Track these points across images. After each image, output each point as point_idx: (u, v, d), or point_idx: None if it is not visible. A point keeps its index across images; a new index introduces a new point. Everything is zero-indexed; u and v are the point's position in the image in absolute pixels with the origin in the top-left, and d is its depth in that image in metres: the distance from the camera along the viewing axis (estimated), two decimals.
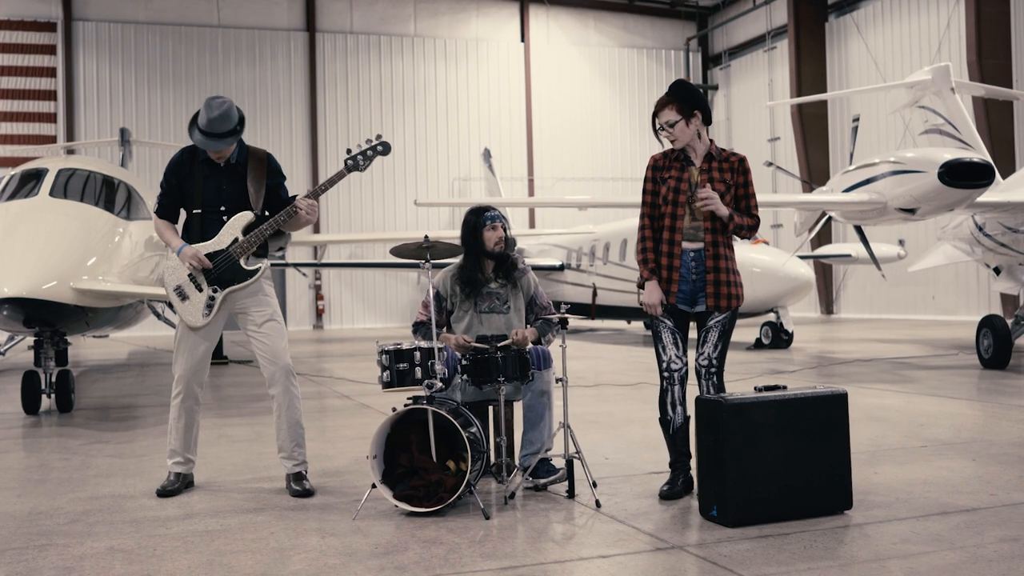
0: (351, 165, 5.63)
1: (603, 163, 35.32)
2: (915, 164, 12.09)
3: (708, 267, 5.20)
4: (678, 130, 5.23)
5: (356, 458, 6.72)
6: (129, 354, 19.95)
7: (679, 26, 37.06)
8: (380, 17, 33.51)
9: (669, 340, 5.27)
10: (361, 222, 32.07)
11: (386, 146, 5.64)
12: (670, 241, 5.22)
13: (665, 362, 5.30)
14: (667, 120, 5.26)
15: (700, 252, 5.22)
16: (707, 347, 5.25)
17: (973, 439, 7.03)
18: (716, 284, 5.20)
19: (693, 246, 5.22)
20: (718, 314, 5.24)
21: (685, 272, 5.22)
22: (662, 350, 5.30)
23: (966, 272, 25.20)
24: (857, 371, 12.59)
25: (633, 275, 20.37)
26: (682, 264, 5.22)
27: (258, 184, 5.67)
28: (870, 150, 22.48)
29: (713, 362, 5.25)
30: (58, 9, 30.22)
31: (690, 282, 5.23)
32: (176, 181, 5.73)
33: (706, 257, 5.21)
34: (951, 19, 26.37)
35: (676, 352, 5.27)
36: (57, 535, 4.76)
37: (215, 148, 5.57)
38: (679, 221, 5.21)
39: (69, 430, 8.68)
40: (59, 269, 8.91)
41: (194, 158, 5.73)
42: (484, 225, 5.84)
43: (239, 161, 5.73)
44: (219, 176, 5.68)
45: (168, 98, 30.90)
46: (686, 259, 5.22)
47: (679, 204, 5.22)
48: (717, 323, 5.24)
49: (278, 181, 5.81)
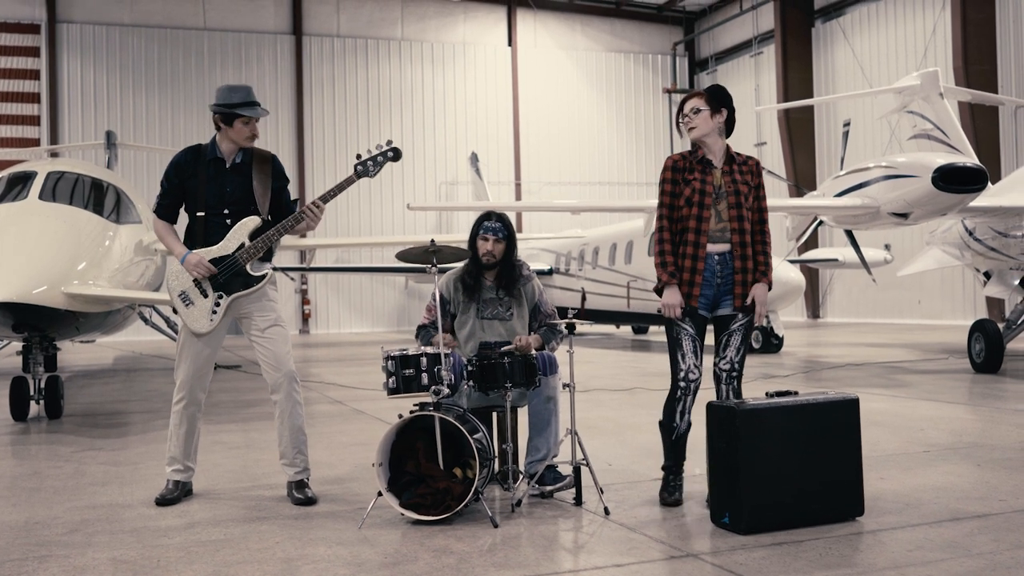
0: (360, 171, 5.54)
1: (590, 167, 35.29)
2: (908, 169, 12.10)
3: (736, 267, 5.15)
4: (701, 118, 5.21)
5: (357, 465, 6.64)
6: (115, 359, 19.78)
7: (666, 31, 37.10)
8: (367, 20, 33.41)
9: (689, 348, 5.18)
10: (348, 226, 31.93)
11: (397, 152, 5.55)
12: (695, 244, 5.14)
13: (683, 371, 5.19)
14: (694, 107, 5.23)
15: (726, 255, 5.17)
16: (730, 351, 5.20)
17: (975, 444, 7.01)
18: (744, 284, 5.16)
19: (719, 248, 5.17)
20: (742, 316, 5.19)
21: (709, 276, 5.16)
22: (681, 358, 5.19)
23: (952, 276, 25.29)
24: (850, 375, 12.59)
25: (622, 279, 20.35)
26: (706, 267, 5.16)
27: (264, 186, 5.58)
28: (858, 155, 22.52)
29: (735, 367, 5.21)
30: (42, 11, 29.97)
31: (714, 286, 5.18)
32: (179, 180, 5.63)
33: (734, 258, 5.16)
34: (937, 25, 26.48)
35: (695, 361, 5.18)
36: (56, 546, 4.66)
37: (255, 114, 5.52)
38: (705, 224, 5.14)
39: (59, 437, 8.56)
40: (49, 273, 8.78)
41: (198, 157, 5.62)
42: (478, 234, 5.81)
43: (244, 161, 5.64)
44: (223, 177, 5.59)
45: (154, 101, 30.70)
46: (711, 262, 5.16)
47: (705, 206, 5.15)
48: (740, 326, 5.20)
49: (283, 184, 5.72)
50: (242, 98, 5.52)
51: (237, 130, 5.54)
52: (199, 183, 5.56)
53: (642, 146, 35.93)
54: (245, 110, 5.51)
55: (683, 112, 5.31)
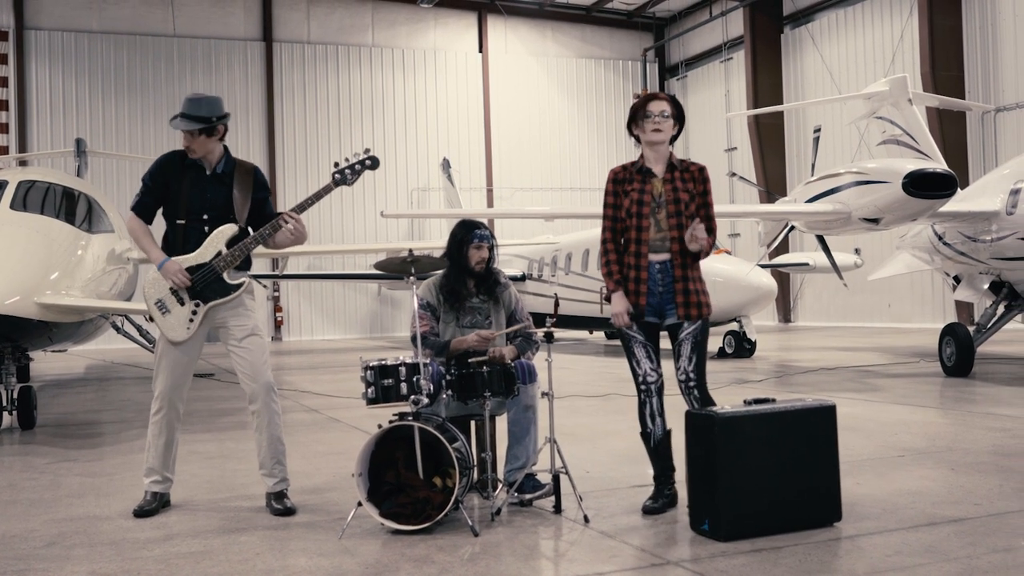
0: (339, 179, 5.54)
1: (562, 173, 35.41)
2: (879, 175, 12.22)
3: (676, 276, 5.18)
4: (668, 124, 5.22)
5: (335, 474, 6.62)
6: (86, 368, 19.62)
7: (636, 37, 37.30)
8: (338, 27, 33.37)
9: (642, 354, 5.26)
10: (320, 233, 31.86)
11: (375, 161, 5.56)
12: (636, 253, 5.20)
13: (640, 375, 5.28)
14: (663, 111, 5.22)
15: (666, 263, 5.20)
16: (683, 361, 5.22)
17: (948, 448, 7.08)
18: (685, 294, 5.19)
19: (659, 258, 5.20)
20: (688, 325, 5.21)
21: (652, 284, 5.20)
22: (636, 364, 5.28)
23: (921, 280, 25.56)
24: (822, 380, 12.69)
25: (595, 285, 20.40)
26: (649, 276, 5.20)
27: (244, 195, 5.59)
28: (827, 161, 22.70)
29: (691, 375, 5.22)
30: (10, 18, 29.72)
31: (657, 294, 5.21)
32: (162, 180, 5.61)
33: (674, 267, 5.19)
34: (904, 32, 26.78)
35: (650, 365, 5.26)
36: (35, 559, 4.63)
37: (181, 127, 5.49)
38: (645, 233, 5.19)
39: (33, 448, 8.48)
40: (22, 284, 8.71)
41: (182, 161, 5.63)
42: (471, 242, 5.78)
43: (225, 171, 5.65)
44: (204, 184, 5.59)
45: (123, 108, 30.51)
46: (652, 271, 5.20)
47: (643, 216, 5.19)
48: (688, 335, 5.21)
49: (264, 195, 5.72)
50: (180, 110, 5.55)
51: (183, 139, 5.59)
52: (181, 187, 5.56)
53: (613, 151, 36.08)
54: (173, 123, 5.55)
55: (647, 112, 5.23)
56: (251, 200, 5.63)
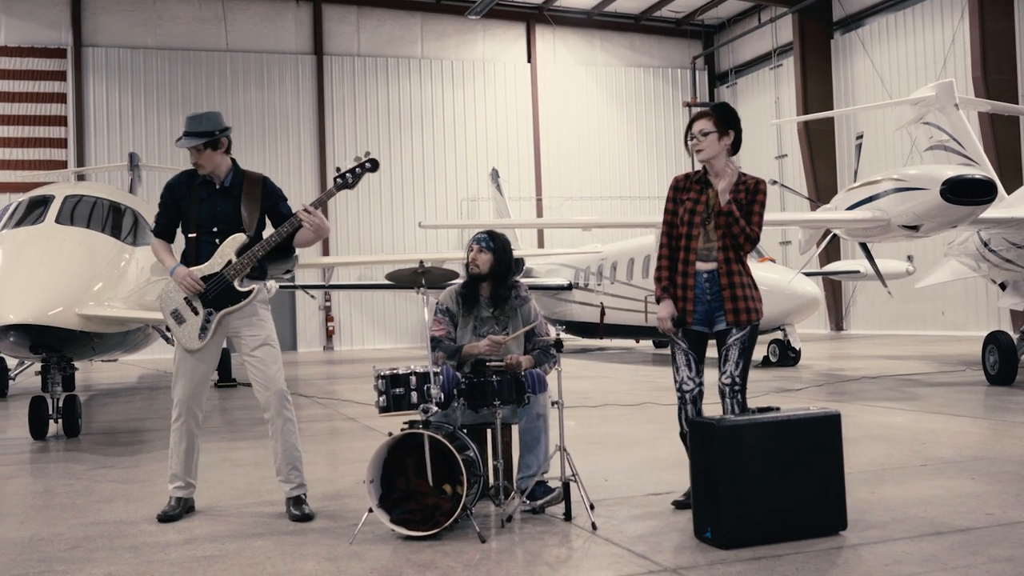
0: (340, 184, 5.72)
1: (611, 182, 35.41)
2: (917, 181, 12.09)
3: (723, 284, 5.27)
4: (708, 141, 5.31)
5: (357, 481, 6.73)
6: (139, 377, 20.04)
7: (685, 45, 37.19)
8: (387, 39, 33.73)
9: (682, 361, 5.39)
10: (370, 243, 32.20)
11: (374, 163, 5.74)
12: (685, 261, 5.32)
13: (678, 383, 5.43)
14: (701, 129, 5.33)
15: (713, 272, 5.29)
16: (729, 365, 5.31)
17: (974, 457, 7.02)
18: (734, 300, 5.26)
19: (707, 267, 5.30)
20: (737, 331, 5.29)
21: (699, 293, 5.30)
22: (676, 371, 5.43)
23: (975, 287, 25.13)
24: (863, 389, 12.58)
25: (640, 294, 20.40)
26: (696, 285, 5.29)
27: (252, 206, 5.78)
28: (877, 166, 22.48)
29: (736, 380, 5.31)
30: (68, 35, 30.49)
31: (705, 303, 5.31)
32: (173, 201, 5.86)
33: (719, 275, 5.27)
34: (956, 35, 26.40)
35: (688, 373, 5.37)
36: (56, 561, 4.80)
37: (186, 145, 5.71)
38: (694, 242, 5.31)
39: (75, 455, 8.74)
40: (64, 295, 8.99)
41: (192, 179, 5.86)
42: (470, 246, 6.02)
43: (233, 184, 5.86)
44: (214, 198, 5.81)
45: (177, 123, 31.05)
46: (699, 280, 5.30)
47: (694, 225, 5.31)
48: (736, 340, 5.30)
49: (274, 202, 5.90)
50: (185, 128, 5.77)
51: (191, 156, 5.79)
52: (191, 204, 5.79)
53: (663, 160, 35.99)
54: (179, 143, 5.77)
55: (691, 132, 5.41)
56: (260, 209, 5.80)
